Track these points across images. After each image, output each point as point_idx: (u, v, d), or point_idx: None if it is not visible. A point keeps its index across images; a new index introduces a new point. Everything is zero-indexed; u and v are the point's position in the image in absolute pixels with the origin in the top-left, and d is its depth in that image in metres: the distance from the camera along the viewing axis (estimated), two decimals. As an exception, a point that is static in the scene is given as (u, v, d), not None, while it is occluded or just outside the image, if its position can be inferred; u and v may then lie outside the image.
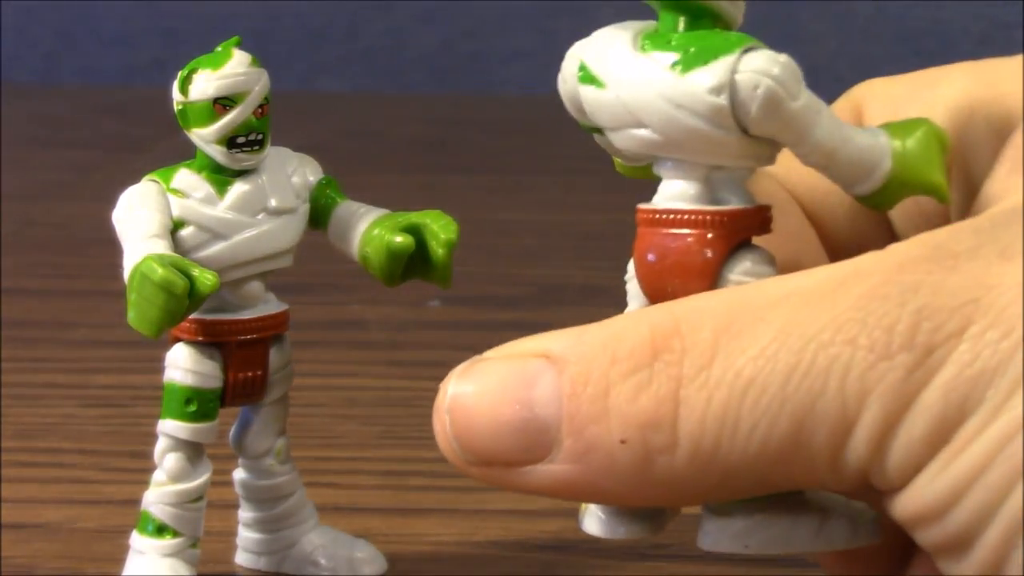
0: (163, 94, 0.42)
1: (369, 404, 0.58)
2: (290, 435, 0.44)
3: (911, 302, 0.27)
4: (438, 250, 0.40)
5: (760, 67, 0.31)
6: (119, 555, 0.43)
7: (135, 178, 0.41)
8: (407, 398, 0.58)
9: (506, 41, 1.26)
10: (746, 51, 0.31)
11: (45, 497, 0.49)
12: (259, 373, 0.42)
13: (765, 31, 0.32)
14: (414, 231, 0.40)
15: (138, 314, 0.38)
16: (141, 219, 0.40)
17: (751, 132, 0.31)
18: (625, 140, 0.33)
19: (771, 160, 0.32)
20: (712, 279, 0.32)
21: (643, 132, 0.32)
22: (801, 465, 0.28)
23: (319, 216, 0.42)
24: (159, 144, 0.94)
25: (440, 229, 0.40)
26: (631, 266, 0.34)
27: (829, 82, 0.40)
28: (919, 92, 0.34)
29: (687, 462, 0.28)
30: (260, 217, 0.41)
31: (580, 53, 0.33)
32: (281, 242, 0.41)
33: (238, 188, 0.41)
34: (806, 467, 0.28)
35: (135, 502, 0.42)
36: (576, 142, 0.37)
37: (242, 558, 0.45)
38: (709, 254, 0.32)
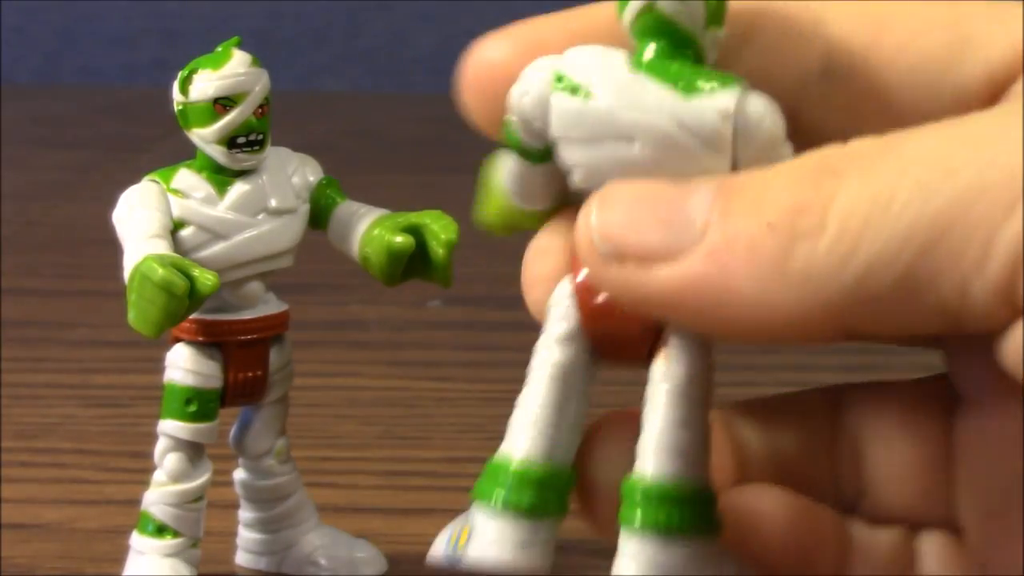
0: (163, 94, 0.42)
1: (369, 404, 0.58)
2: (290, 435, 0.44)
3: None
4: (438, 250, 0.40)
5: (768, 106, 0.31)
6: (119, 555, 0.43)
7: (135, 178, 0.41)
8: (407, 398, 0.58)
9: (506, 41, 1.26)
10: (747, 87, 0.31)
11: (45, 497, 0.49)
12: (259, 373, 0.42)
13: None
14: (414, 231, 0.40)
15: (138, 314, 0.38)
16: (141, 219, 0.40)
17: (738, 165, 0.31)
18: (595, 156, 0.32)
19: None
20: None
21: (627, 149, 0.32)
22: (948, 254, 0.26)
23: (319, 216, 0.42)
24: (159, 144, 0.94)
25: (440, 229, 0.40)
26: (561, 290, 0.33)
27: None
28: (939, 25, 0.33)
29: (828, 249, 0.27)
30: (260, 217, 0.41)
31: (547, 66, 0.33)
32: (281, 242, 0.41)
33: (238, 188, 0.41)
34: (952, 257, 0.26)
35: (135, 502, 0.42)
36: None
37: (242, 558, 0.45)
38: None
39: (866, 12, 0.32)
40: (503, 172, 0.34)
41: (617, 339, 0.33)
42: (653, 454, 0.32)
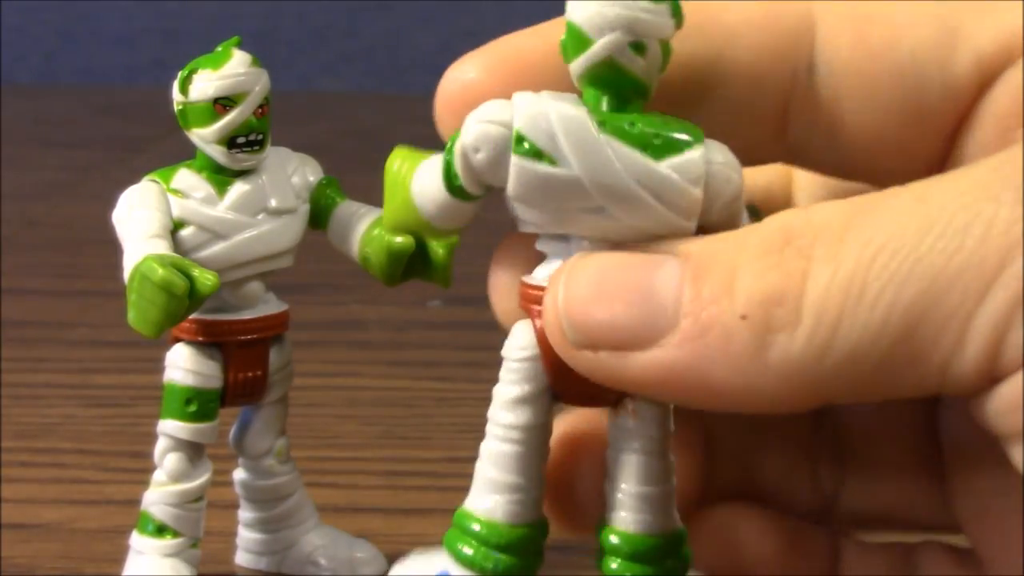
0: (163, 94, 0.42)
1: (369, 404, 0.58)
2: (290, 435, 0.44)
3: None
4: (438, 250, 0.40)
5: (727, 160, 0.31)
6: (119, 555, 0.43)
7: (135, 178, 0.41)
8: (407, 398, 0.58)
9: (506, 41, 1.26)
10: (708, 142, 0.32)
11: (45, 497, 0.49)
12: (259, 373, 0.42)
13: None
14: (414, 231, 0.40)
15: (138, 314, 0.38)
16: (141, 219, 0.40)
17: (706, 220, 0.31)
18: (558, 218, 0.32)
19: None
20: None
21: (594, 213, 0.31)
22: (925, 340, 0.26)
23: (319, 216, 0.42)
24: (159, 144, 0.94)
25: (440, 229, 0.40)
26: (517, 344, 0.33)
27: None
28: (926, 20, 0.33)
29: (806, 341, 0.27)
30: (260, 217, 0.41)
31: (501, 119, 0.32)
32: (281, 242, 0.41)
33: (238, 188, 0.41)
34: (930, 342, 0.26)
35: (135, 502, 0.42)
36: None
37: (242, 558, 0.45)
38: None
39: (854, 9, 0.32)
40: (419, 191, 0.33)
41: (584, 392, 0.33)
42: (629, 512, 0.33)
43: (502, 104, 0.32)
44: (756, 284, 0.27)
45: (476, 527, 0.34)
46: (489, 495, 0.34)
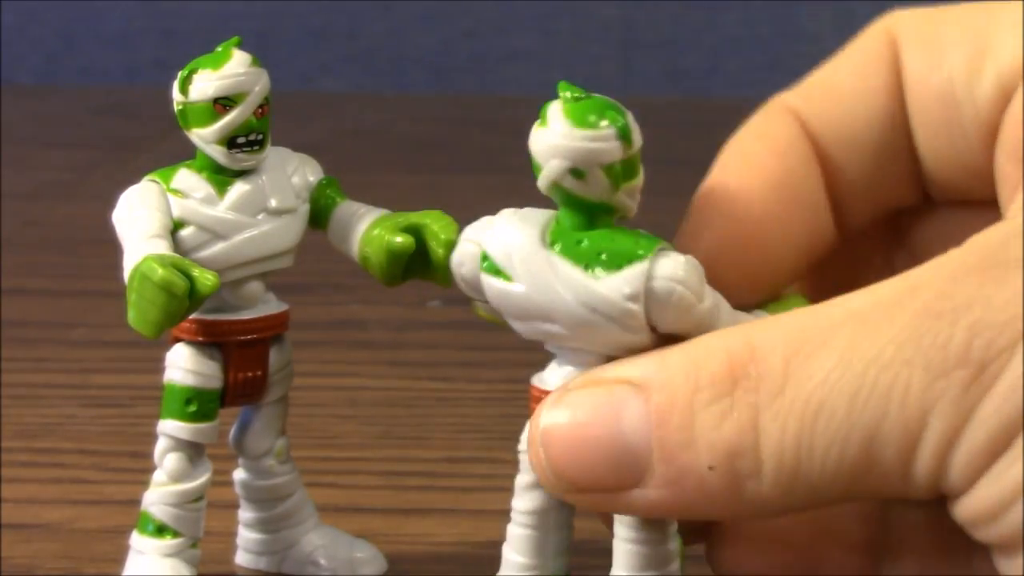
0: (163, 94, 0.42)
1: (369, 404, 0.58)
2: (290, 435, 0.44)
3: (963, 318, 0.28)
4: (438, 250, 0.40)
5: (672, 274, 0.33)
6: (119, 555, 0.43)
7: (135, 178, 0.41)
8: (407, 398, 0.58)
9: (506, 41, 1.26)
10: (656, 256, 0.32)
11: (45, 497, 0.49)
12: (259, 373, 0.42)
13: (765, 31, 0.32)
14: (414, 231, 0.40)
15: (138, 314, 0.38)
16: (141, 219, 0.40)
17: (660, 331, 0.33)
18: (529, 330, 0.34)
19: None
20: None
21: (551, 327, 0.34)
22: (876, 480, 0.29)
23: (319, 216, 0.42)
24: (159, 144, 0.94)
25: (440, 229, 0.40)
26: (525, 437, 0.35)
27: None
28: (966, 38, 0.34)
29: (772, 485, 0.29)
30: (260, 217, 0.41)
31: (478, 239, 0.35)
32: (281, 242, 0.41)
33: (238, 188, 0.41)
34: (881, 481, 0.29)
35: (135, 502, 0.42)
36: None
37: (242, 558, 0.45)
38: None
39: (924, 21, 0.34)
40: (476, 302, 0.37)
41: None
42: None
43: (484, 222, 0.35)
44: (715, 435, 0.29)
45: None
46: (509, 572, 0.36)
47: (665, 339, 0.33)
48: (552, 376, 0.35)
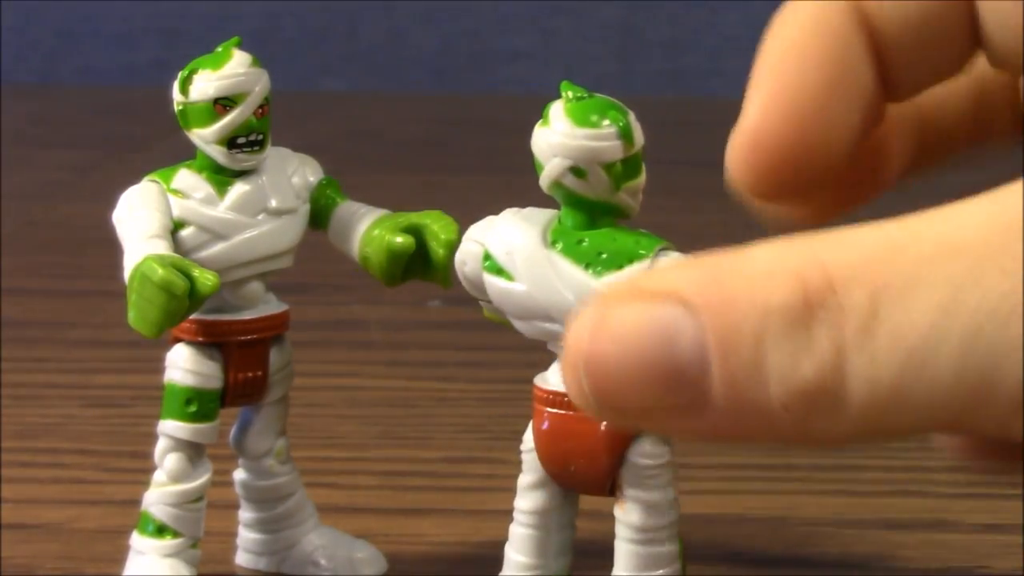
0: (163, 94, 0.42)
1: (369, 404, 0.58)
2: (290, 435, 0.44)
3: None
4: (438, 250, 0.40)
5: None
6: (119, 555, 0.43)
7: (135, 178, 0.41)
8: (407, 398, 0.58)
9: (506, 41, 1.26)
10: (656, 256, 0.33)
11: (45, 497, 0.49)
12: (259, 373, 0.42)
13: (765, 31, 0.32)
14: (414, 231, 0.40)
15: (138, 314, 0.38)
16: (141, 219, 0.40)
17: None
18: (530, 329, 0.34)
19: None
20: (617, 459, 0.35)
21: (552, 326, 0.34)
22: (979, 421, 0.26)
23: (319, 216, 0.42)
24: (159, 144, 0.94)
25: (440, 229, 0.40)
26: (528, 436, 0.36)
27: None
28: None
29: (853, 427, 0.26)
30: (260, 217, 0.41)
31: (481, 239, 0.35)
32: (281, 242, 0.41)
33: (238, 188, 0.41)
34: (981, 427, 0.26)
35: (135, 502, 0.42)
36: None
37: (242, 558, 0.45)
38: (616, 441, 0.34)
39: None
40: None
41: (579, 481, 0.36)
42: None
43: (487, 222, 0.35)
44: (792, 373, 0.26)
45: None
46: (511, 572, 0.37)
47: None
48: (555, 376, 0.35)
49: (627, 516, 0.35)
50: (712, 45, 1.21)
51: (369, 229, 0.41)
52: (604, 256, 0.33)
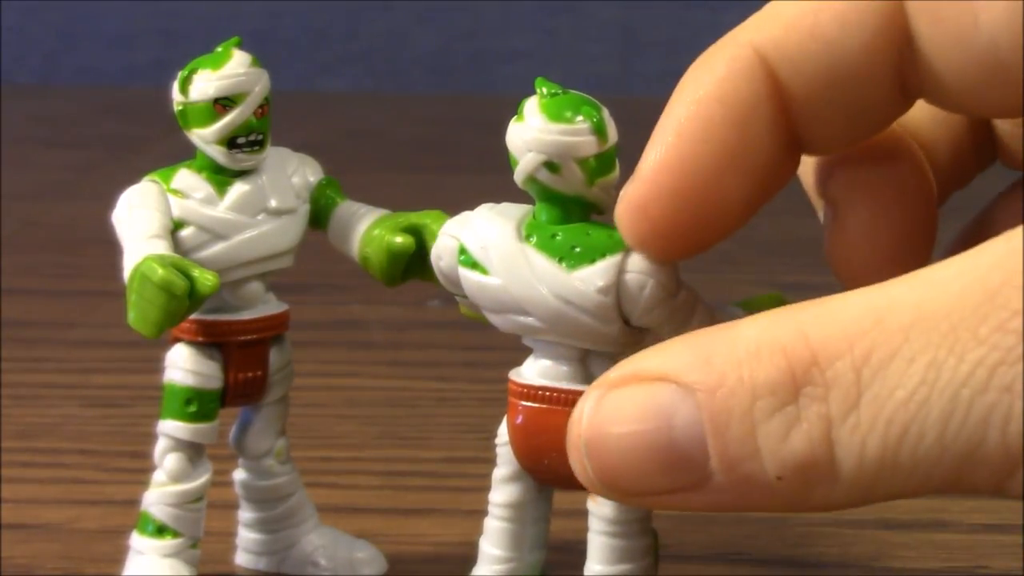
0: (163, 94, 0.42)
1: (369, 404, 0.58)
2: (290, 435, 0.44)
3: None
4: (438, 250, 0.40)
5: (644, 267, 0.33)
6: (119, 555, 0.43)
7: (135, 178, 0.41)
8: (407, 398, 0.58)
9: (506, 41, 1.26)
10: (629, 250, 0.33)
11: (45, 497, 0.49)
12: (259, 373, 0.42)
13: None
14: (414, 231, 0.40)
15: (138, 314, 0.38)
16: (141, 219, 0.40)
17: (633, 324, 0.33)
18: (505, 322, 0.35)
19: (642, 343, 0.34)
20: None
21: (526, 320, 0.34)
22: (974, 483, 0.27)
23: (319, 216, 0.42)
24: (159, 144, 0.94)
25: (440, 229, 0.40)
26: (503, 430, 0.36)
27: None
28: None
29: (847, 492, 0.27)
30: (260, 217, 0.41)
31: (457, 234, 0.35)
32: (281, 243, 0.41)
33: (238, 188, 0.41)
34: (979, 484, 0.27)
35: (135, 502, 0.42)
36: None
37: (242, 558, 0.45)
38: None
39: None
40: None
41: (552, 475, 0.35)
42: None
43: (463, 217, 0.35)
44: (782, 447, 0.27)
45: None
46: (485, 566, 0.37)
47: (641, 333, 0.34)
48: (529, 370, 0.35)
49: (600, 509, 0.35)
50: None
51: (369, 229, 0.41)
52: (577, 250, 0.33)
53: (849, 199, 0.34)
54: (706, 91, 0.31)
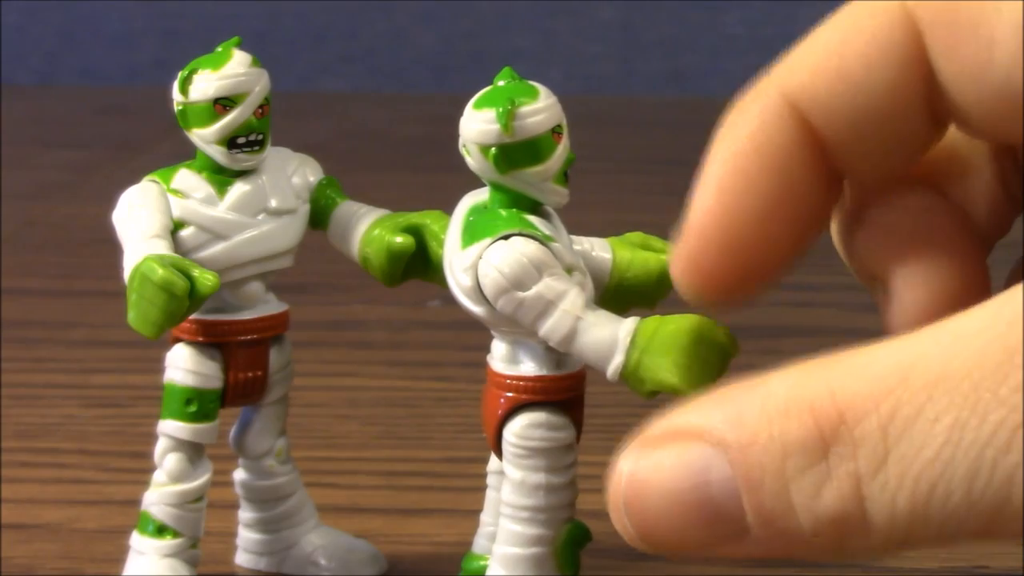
0: (163, 94, 0.42)
1: (369, 404, 0.58)
2: (290, 435, 0.44)
3: None
4: (438, 250, 0.40)
5: (493, 258, 0.35)
6: (119, 555, 0.43)
7: (135, 178, 0.41)
8: (407, 398, 0.58)
9: (506, 41, 1.26)
10: (500, 239, 0.34)
11: (45, 497, 0.49)
12: (259, 373, 0.42)
13: (765, 31, 0.32)
14: (414, 231, 0.40)
15: (138, 314, 0.38)
16: (141, 219, 0.40)
17: (497, 310, 0.35)
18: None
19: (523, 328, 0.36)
20: (498, 433, 0.37)
21: (453, 284, 0.36)
22: (1004, 535, 0.27)
23: (319, 216, 0.42)
24: (159, 144, 0.94)
25: (440, 229, 0.40)
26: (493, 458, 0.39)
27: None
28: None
29: (882, 544, 0.28)
30: (260, 218, 0.41)
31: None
32: (281, 243, 0.41)
33: (238, 188, 0.41)
34: (1009, 536, 0.27)
35: (135, 502, 0.42)
36: (573, 143, 0.37)
37: (242, 558, 0.45)
38: (499, 412, 0.36)
39: (947, 11, 0.32)
40: None
41: (495, 448, 0.37)
42: (497, 561, 0.37)
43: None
44: (815, 504, 0.28)
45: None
46: (479, 533, 0.40)
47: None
48: (497, 349, 0.37)
49: (504, 494, 0.37)
50: (712, 45, 1.21)
51: (369, 229, 0.41)
52: (471, 232, 0.35)
53: (904, 282, 0.34)
54: (741, 144, 0.32)
